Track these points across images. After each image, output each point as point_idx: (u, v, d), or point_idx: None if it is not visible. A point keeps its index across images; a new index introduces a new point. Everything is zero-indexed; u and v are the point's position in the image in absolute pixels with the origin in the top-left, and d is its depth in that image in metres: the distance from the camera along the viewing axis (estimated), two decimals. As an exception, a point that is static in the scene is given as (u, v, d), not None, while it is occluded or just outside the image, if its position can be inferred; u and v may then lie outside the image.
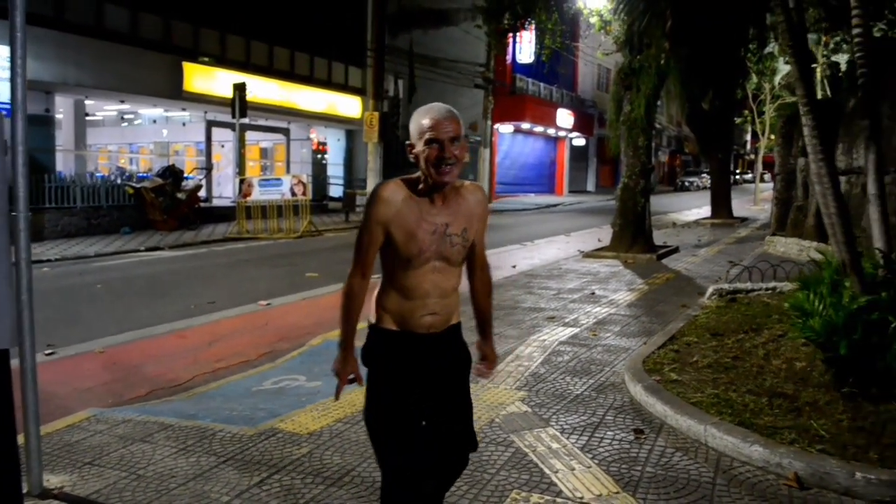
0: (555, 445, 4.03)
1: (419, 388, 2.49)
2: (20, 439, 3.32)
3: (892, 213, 8.16)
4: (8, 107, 3.41)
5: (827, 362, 4.77)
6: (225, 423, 4.49)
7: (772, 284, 8.06)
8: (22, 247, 3.42)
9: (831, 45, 18.40)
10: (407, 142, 2.42)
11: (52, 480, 3.66)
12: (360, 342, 2.56)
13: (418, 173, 2.40)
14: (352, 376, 2.56)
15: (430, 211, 2.39)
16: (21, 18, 3.38)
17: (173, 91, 19.96)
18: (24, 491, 3.34)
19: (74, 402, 5.08)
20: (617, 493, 3.50)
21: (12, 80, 3.42)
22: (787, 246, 12.57)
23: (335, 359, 2.56)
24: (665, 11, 9.28)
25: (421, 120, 2.37)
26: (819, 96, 21.48)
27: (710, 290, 8.19)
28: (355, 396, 5.00)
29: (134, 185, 17.61)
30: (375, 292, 2.52)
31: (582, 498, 3.42)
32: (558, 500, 3.40)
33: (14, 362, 3.04)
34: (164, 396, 5.27)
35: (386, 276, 2.50)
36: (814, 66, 22.68)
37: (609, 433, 4.28)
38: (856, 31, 5.33)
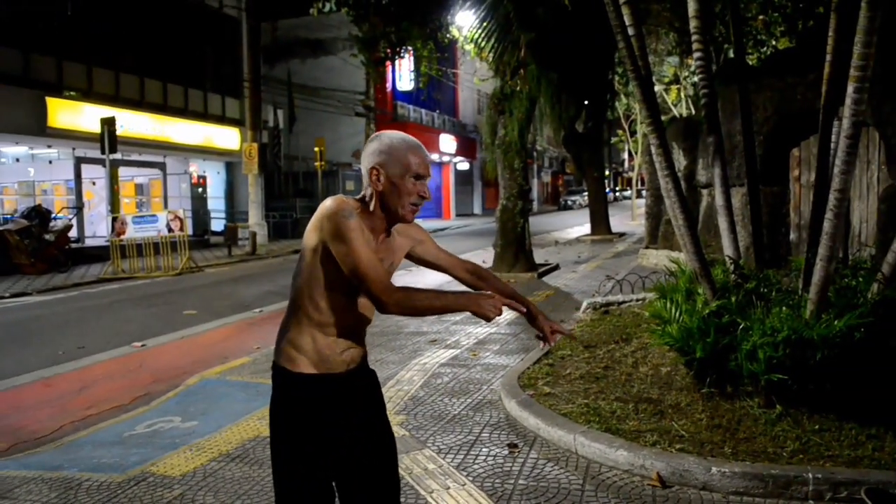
0: (431, 466, 4.08)
1: (335, 443, 2.21)
2: None
3: (749, 222, 8.75)
4: None
5: (687, 365, 5.06)
6: (92, 472, 4.30)
7: (641, 295, 8.45)
8: None
9: (691, 67, 19.61)
10: (372, 166, 2.20)
11: None
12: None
13: (361, 203, 2.21)
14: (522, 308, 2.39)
15: (378, 248, 2.23)
16: None
17: (37, 127, 19.01)
18: None
19: (-76, 464, 4.73)
20: (490, 507, 3.58)
21: None
22: (658, 258, 13.20)
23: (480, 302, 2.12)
24: (518, 40, 9.64)
25: (409, 155, 2.20)
26: (684, 114, 22.82)
27: (584, 304, 8.50)
28: (231, 433, 4.91)
29: (-4, 227, 16.60)
30: (285, 334, 2.26)
31: (456, 515, 3.48)
32: (433, 519, 3.45)
33: None
34: (27, 449, 4.99)
35: (303, 311, 2.22)
36: (676, 86, 24.09)
37: (484, 450, 4.37)
38: (696, 55, 5.72)
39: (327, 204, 2.12)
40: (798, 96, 9.16)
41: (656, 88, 21.60)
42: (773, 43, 15.16)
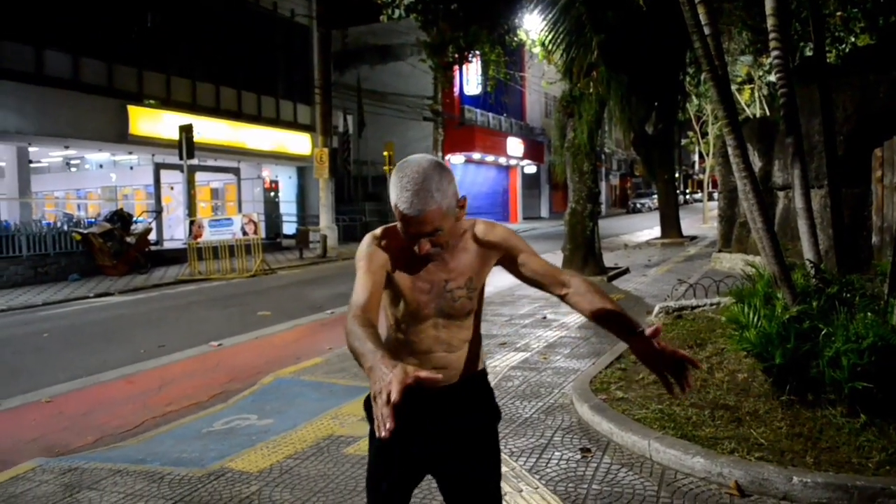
0: (504, 469, 4.07)
1: (418, 452, 2.15)
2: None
3: (829, 226, 8.47)
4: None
5: (765, 372, 4.92)
6: (174, 466, 4.45)
7: (716, 300, 8.26)
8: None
9: (766, 66, 19.09)
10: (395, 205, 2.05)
11: (-7, 535, 3.59)
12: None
13: None
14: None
15: (427, 268, 2.08)
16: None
17: (119, 135, 19.80)
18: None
19: (18, 455, 4.97)
20: (564, 511, 3.56)
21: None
22: (732, 262, 12.88)
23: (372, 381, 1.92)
24: (591, 42, 9.54)
25: (392, 195, 1.96)
26: (758, 114, 22.23)
27: (656, 308, 8.36)
28: (306, 431, 5.01)
29: (81, 231, 17.30)
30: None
31: (529, 518, 3.47)
32: (506, 521, 3.45)
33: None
34: (112, 443, 5.19)
35: (389, 327, 2.20)
36: (751, 86, 23.47)
37: (557, 453, 4.35)
38: (774, 53, 5.59)
39: None
40: (880, 94, 8.84)
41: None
42: (853, 40, 14.64)
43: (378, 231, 2.14)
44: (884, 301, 4.89)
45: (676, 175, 35.23)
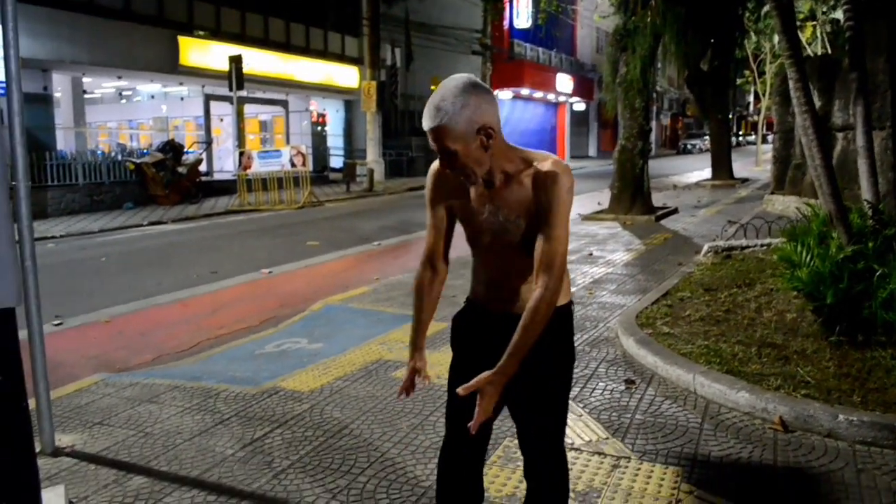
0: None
1: (488, 366, 2.08)
2: (31, 402, 3.45)
3: (889, 169, 8.22)
4: (3, 84, 3.47)
5: (815, 312, 4.87)
6: (228, 384, 4.62)
7: (766, 241, 8.14)
8: (24, 214, 3.52)
9: (830, 2, 18.26)
10: None
11: (63, 440, 3.79)
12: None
13: None
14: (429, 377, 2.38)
15: (482, 193, 2.10)
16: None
17: (170, 65, 19.92)
18: (37, 450, 3.47)
19: (82, 369, 5.21)
20: (606, 438, 3.63)
21: (5, 51, 3.48)
22: (784, 204, 12.61)
23: None
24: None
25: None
26: (819, 52, 21.38)
27: (705, 247, 8.28)
28: (355, 355, 5.15)
29: (135, 160, 17.66)
30: None
31: (572, 444, 3.55)
32: (550, 446, 3.53)
33: (21, 333, 3.14)
34: (169, 361, 5.40)
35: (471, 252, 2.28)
36: (813, 23, 22.54)
37: (601, 384, 4.41)
38: (844, -16, 5.36)
39: None
40: (955, 31, 8.41)
41: (791, 25, 20.31)
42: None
43: (437, 162, 2.15)
44: (943, 243, 4.78)
45: (730, 115, 34.31)
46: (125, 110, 28.38)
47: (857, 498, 3.06)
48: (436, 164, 2.17)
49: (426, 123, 1.96)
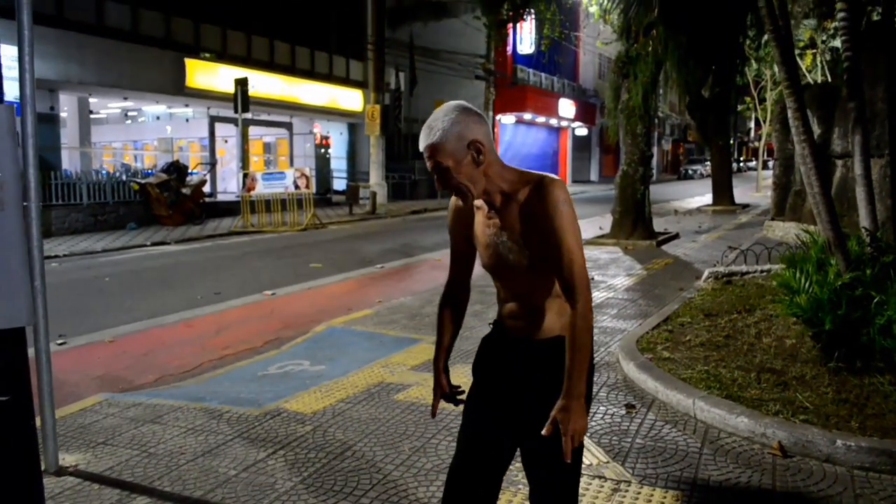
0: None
1: (505, 391, 2.21)
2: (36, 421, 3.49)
3: (888, 196, 8.28)
4: (17, 103, 3.55)
5: (814, 338, 4.92)
6: (232, 405, 4.66)
7: (766, 267, 8.19)
8: (34, 235, 3.58)
9: (830, 31, 18.44)
10: None
11: (67, 459, 3.83)
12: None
13: None
14: (460, 392, 2.41)
15: (487, 216, 2.17)
16: (28, 16, 3.52)
17: (176, 87, 20.14)
18: (41, 469, 3.50)
19: (86, 389, 5.24)
20: (607, 462, 3.66)
21: (21, 74, 3.56)
22: (785, 230, 12.67)
23: None
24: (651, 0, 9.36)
25: None
26: (819, 80, 21.55)
27: (706, 273, 8.33)
28: (357, 377, 5.18)
29: (139, 181, 17.77)
30: None
31: (573, 467, 3.57)
32: (550, 469, 3.56)
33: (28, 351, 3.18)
34: (172, 382, 5.43)
35: None
36: (813, 51, 22.73)
37: (602, 408, 4.44)
38: (839, 15, 5.46)
39: None
40: (952, 61, 8.51)
41: (792, 53, 20.48)
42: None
43: None
44: (941, 271, 4.82)
45: (731, 142, 34.46)
46: (130, 131, 28.60)
47: (855, 523, 3.08)
48: (453, 198, 2.25)
49: (421, 144, 2.05)
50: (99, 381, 5.53)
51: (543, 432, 2.03)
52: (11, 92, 5.52)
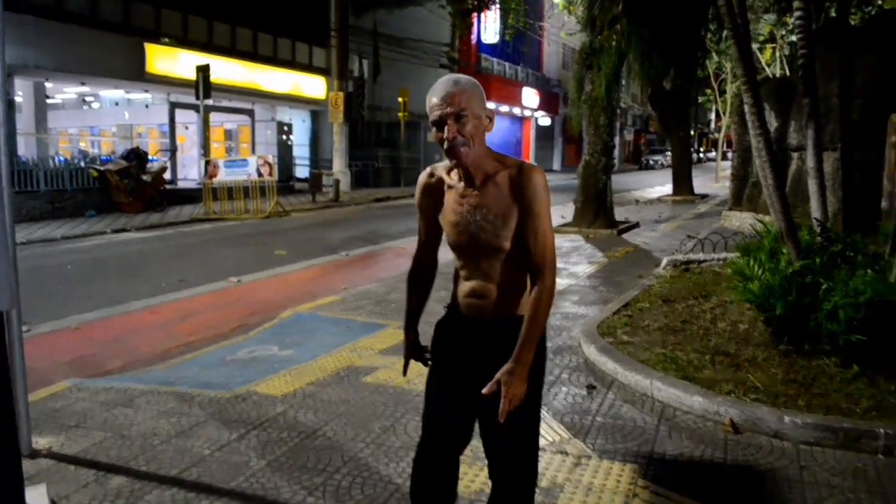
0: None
1: (461, 372, 2.35)
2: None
3: (839, 188, 8.59)
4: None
5: (766, 322, 5.15)
6: (202, 389, 4.72)
7: (723, 255, 8.46)
8: (7, 223, 3.60)
9: (789, 26, 18.88)
10: (431, 124, 2.27)
11: (40, 442, 3.87)
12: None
13: None
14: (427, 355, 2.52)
15: (462, 194, 2.26)
16: (-1, 4, 3.52)
17: (135, 73, 19.83)
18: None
19: (54, 375, 5.25)
20: (569, 439, 3.83)
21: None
22: (741, 220, 13.01)
23: None
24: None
25: (428, 99, 2.19)
26: (778, 74, 22.05)
27: (664, 261, 8.57)
28: (326, 361, 5.28)
29: (98, 167, 17.50)
30: None
31: (537, 445, 3.73)
32: (515, 447, 3.72)
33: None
34: (141, 367, 5.47)
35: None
36: (773, 45, 23.22)
37: (564, 389, 4.61)
38: (796, 13, 5.67)
39: None
40: (902, 59, 8.84)
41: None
42: (879, 2, 14.49)
43: (427, 170, 2.41)
44: (884, 260, 5.07)
45: (691, 133, 34.98)
46: (87, 117, 28.06)
47: (800, 492, 3.29)
48: (424, 174, 2.39)
49: (446, 88, 2.14)
50: (66, 366, 5.55)
51: (484, 391, 2.17)
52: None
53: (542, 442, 3.76)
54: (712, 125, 62.45)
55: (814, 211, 5.77)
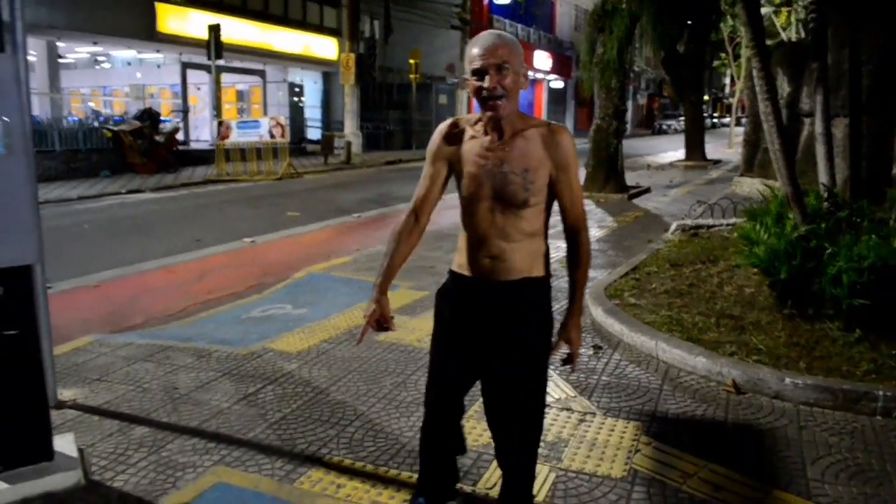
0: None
1: (471, 336, 2.38)
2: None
3: (849, 155, 8.57)
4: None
5: (771, 287, 5.23)
6: (219, 345, 4.87)
7: (732, 220, 8.51)
8: (33, 180, 3.72)
9: (805, -12, 18.59)
10: (464, 76, 2.30)
11: (65, 394, 4.03)
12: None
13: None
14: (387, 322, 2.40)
15: (488, 147, 2.26)
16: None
17: (147, 32, 19.83)
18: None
19: (75, 331, 5.39)
20: (574, 396, 3.95)
21: (12, 21, 3.64)
22: (752, 186, 12.98)
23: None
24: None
25: (469, 49, 2.22)
26: (793, 39, 21.76)
27: (673, 225, 8.64)
28: (339, 320, 5.41)
29: (112, 128, 17.60)
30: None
31: (543, 401, 3.86)
32: (522, 403, 3.85)
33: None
34: (159, 324, 5.62)
35: (461, 212, 2.38)
36: (787, 8, 22.88)
37: (571, 349, 4.73)
38: (808, -24, 5.66)
39: None
40: (915, 24, 8.75)
41: (765, 10, 20.63)
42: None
43: (449, 120, 2.40)
44: (890, 226, 5.13)
45: (706, 98, 34.65)
46: (99, 76, 28.05)
47: (798, 450, 3.40)
48: (446, 124, 2.38)
49: (491, 40, 2.18)
50: (87, 323, 5.69)
51: (555, 353, 2.37)
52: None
53: (548, 399, 3.89)
54: (727, 90, 61.72)
55: (821, 176, 5.81)
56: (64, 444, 3.32)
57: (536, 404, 2.43)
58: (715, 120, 61.29)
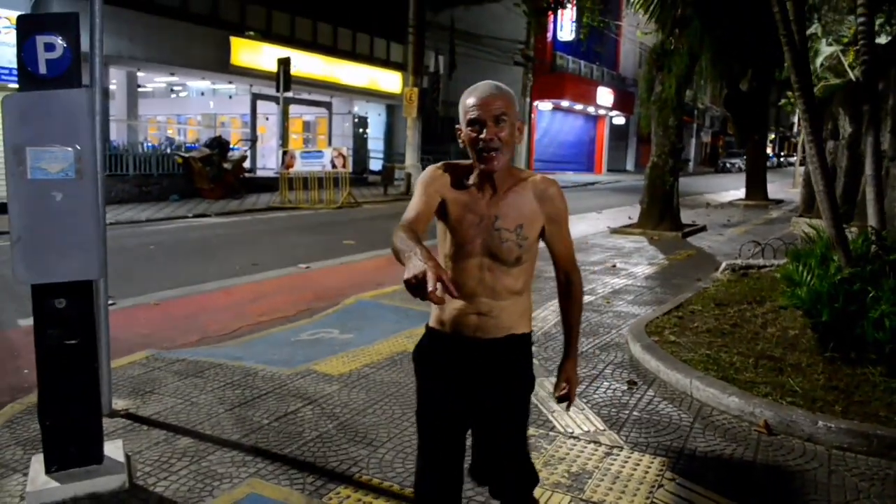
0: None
1: (457, 396, 2.30)
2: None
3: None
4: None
5: (812, 328, 5.19)
6: (266, 365, 5.09)
7: (784, 261, 8.40)
8: (99, 203, 4.01)
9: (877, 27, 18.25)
10: (456, 125, 2.23)
11: (118, 403, 4.28)
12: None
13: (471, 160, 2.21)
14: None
15: (479, 201, 2.19)
16: (99, 4, 3.92)
17: (221, 64, 20.69)
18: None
19: (133, 346, 5.70)
20: (604, 430, 4.01)
21: (91, 57, 3.97)
22: (810, 227, 12.78)
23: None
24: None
25: (465, 99, 2.16)
26: (853, 79, 21.31)
27: (723, 265, 8.58)
28: (382, 346, 5.58)
29: (183, 154, 18.35)
30: None
31: (572, 433, 3.94)
32: (551, 433, 3.93)
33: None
34: (212, 343, 5.88)
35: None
36: (855, 47, 22.39)
37: (605, 383, 4.79)
38: (859, 19, 5.67)
39: None
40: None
41: (832, 49, 20.29)
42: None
43: (441, 163, 2.28)
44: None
45: (771, 136, 34.02)
46: (174, 105, 29.28)
47: (825, 493, 3.40)
48: (436, 167, 2.27)
49: (487, 91, 2.13)
50: (145, 338, 6.00)
51: (557, 393, 2.45)
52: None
53: (577, 431, 3.97)
54: (795, 129, 60.52)
55: (870, 218, 5.76)
56: (113, 449, 3.54)
57: (524, 440, 2.41)
58: (781, 158, 60.12)
